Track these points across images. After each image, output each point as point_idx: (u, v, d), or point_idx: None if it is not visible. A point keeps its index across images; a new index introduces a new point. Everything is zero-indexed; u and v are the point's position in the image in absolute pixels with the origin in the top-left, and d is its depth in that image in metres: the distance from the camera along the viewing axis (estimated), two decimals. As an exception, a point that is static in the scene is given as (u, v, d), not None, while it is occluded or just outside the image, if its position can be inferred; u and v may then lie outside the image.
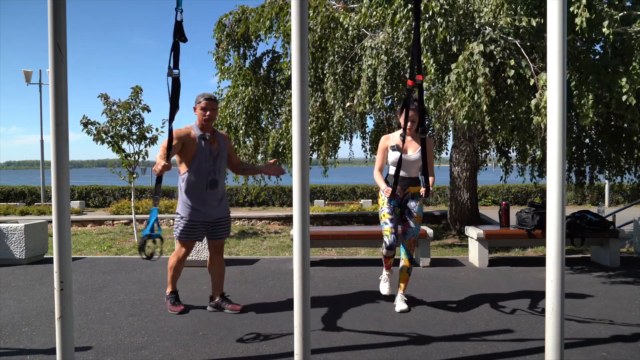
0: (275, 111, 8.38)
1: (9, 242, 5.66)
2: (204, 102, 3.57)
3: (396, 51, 5.95)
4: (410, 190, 3.76)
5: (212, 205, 3.60)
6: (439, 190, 16.98)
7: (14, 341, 3.14)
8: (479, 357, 2.85)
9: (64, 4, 1.99)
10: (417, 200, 3.74)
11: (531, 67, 4.69)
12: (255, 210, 14.86)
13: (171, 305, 3.74)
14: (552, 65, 1.84)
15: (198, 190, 3.54)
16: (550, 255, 1.85)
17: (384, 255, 3.74)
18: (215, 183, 3.58)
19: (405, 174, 3.72)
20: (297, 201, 1.91)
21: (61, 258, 2.03)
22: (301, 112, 1.89)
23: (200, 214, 3.56)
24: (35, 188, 17.82)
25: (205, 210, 3.57)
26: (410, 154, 3.71)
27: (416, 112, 3.59)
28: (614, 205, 15.42)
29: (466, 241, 7.58)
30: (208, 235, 3.70)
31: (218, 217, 3.65)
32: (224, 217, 3.71)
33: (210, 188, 3.56)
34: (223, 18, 8.25)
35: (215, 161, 3.59)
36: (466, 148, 8.46)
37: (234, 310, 3.73)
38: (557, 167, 1.83)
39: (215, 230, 3.67)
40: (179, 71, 2.64)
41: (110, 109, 7.84)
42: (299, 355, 1.91)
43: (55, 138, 2.01)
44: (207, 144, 3.56)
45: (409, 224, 3.72)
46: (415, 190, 3.76)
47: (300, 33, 1.87)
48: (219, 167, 3.63)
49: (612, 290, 4.36)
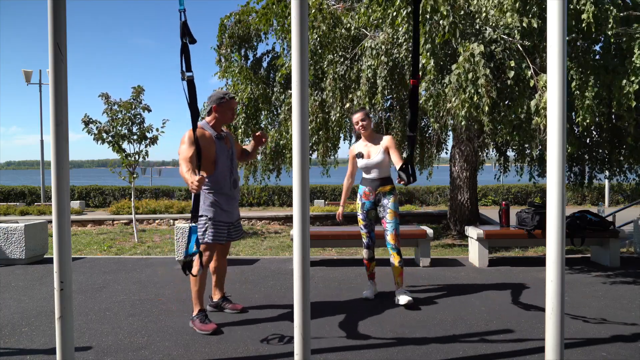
0: (275, 111, 8.39)
1: (9, 242, 5.66)
2: (232, 102, 3.47)
3: (396, 52, 5.95)
4: (381, 190, 4.01)
5: (234, 206, 3.54)
6: (439, 190, 16.97)
7: (14, 341, 3.14)
8: (479, 357, 2.85)
9: (64, 4, 1.99)
10: (389, 197, 3.99)
11: (531, 68, 4.68)
12: (255, 210, 14.86)
13: (200, 324, 3.29)
14: (552, 65, 1.84)
15: (225, 191, 3.42)
16: (550, 255, 1.85)
17: (364, 258, 4.16)
18: (237, 182, 3.54)
19: (375, 176, 4.02)
20: (297, 201, 1.91)
21: (61, 258, 2.03)
22: (301, 112, 1.89)
23: (226, 214, 3.45)
24: (35, 188, 17.82)
25: (230, 211, 3.48)
26: (372, 157, 4.00)
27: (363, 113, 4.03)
28: (614, 205, 15.42)
29: (466, 241, 7.58)
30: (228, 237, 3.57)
31: (237, 217, 3.60)
32: (240, 218, 3.68)
33: (233, 187, 3.49)
34: (224, 20, 8.26)
35: (232, 160, 3.52)
36: (466, 148, 8.45)
37: (235, 309, 3.71)
38: (557, 167, 1.83)
39: (233, 230, 3.58)
40: (192, 73, 2.54)
41: (111, 108, 7.84)
42: (299, 355, 1.91)
43: (55, 138, 2.01)
44: (224, 143, 3.47)
45: (386, 220, 3.97)
46: (386, 190, 4.01)
47: (300, 33, 1.87)
48: (236, 166, 3.58)
49: (612, 290, 4.35)
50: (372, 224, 4.08)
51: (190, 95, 2.60)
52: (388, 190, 4.00)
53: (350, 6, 7.10)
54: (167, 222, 10.77)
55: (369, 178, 4.04)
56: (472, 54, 4.55)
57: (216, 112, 3.43)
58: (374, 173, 4.00)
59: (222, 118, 3.45)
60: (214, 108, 3.42)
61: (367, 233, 4.08)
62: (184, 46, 2.51)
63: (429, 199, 16.98)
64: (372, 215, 4.06)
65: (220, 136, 3.44)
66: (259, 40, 8.35)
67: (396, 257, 3.93)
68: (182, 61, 2.55)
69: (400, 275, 3.96)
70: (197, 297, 3.37)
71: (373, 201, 4.03)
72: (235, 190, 3.53)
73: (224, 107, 3.43)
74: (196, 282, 3.35)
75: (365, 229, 4.08)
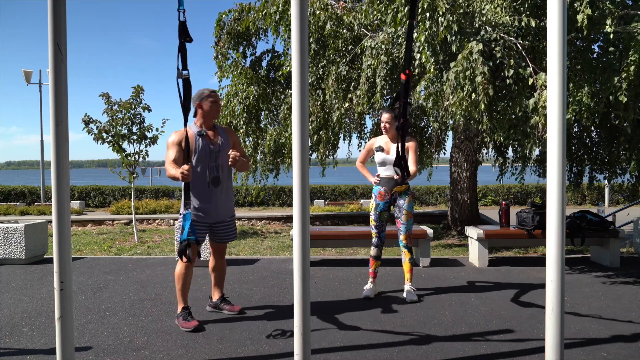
0: (275, 111, 8.38)
1: (9, 242, 5.66)
2: (214, 94, 3.46)
3: (396, 51, 5.94)
4: (397, 190, 4.07)
5: (216, 205, 3.43)
6: (439, 190, 16.97)
7: (14, 341, 3.14)
8: (479, 357, 2.85)
9: (64, 4, 1.99)
10: (404, 198, 4.05)
11: (530, 67, 4.68)
12: (255, 210, 14.85)
13: (183, 322, 3.35)
14: (552, 65, 1.84)
15: (200, 190, 3.37)
16: (550, 255, 1.85)
17: (371, 256, 4.20)
18: (218, 180, 3.41)
19: (391, 174, 4.07)
20: (297, 201, 1.91)
21: (61, 258, 2.03)
22: (301, 112, 1.89)
23: (203, 213, 3.39)
24: (35, 188, 17.81)
25: (208, 211, 3.40)
26: (391, 154, 4.06)
27: (390, 115, 4.05)
28: (614, 205, 15.41)
29: (466, 241, 7.58)
30: (211, 237, 3.57)
31: (222, 218, 3.50)
32: (229, 219, 3.55)
33: (213, 186, 3.40)
34: (223, 16, 8.24)
35: (217, 158, 3.41)
36: (466, 148, 8.45)
37: (233, 311, 3.70)
38: (557, 167, 1.83)
39: (219, 232, 3.53)
40: (188, 72, 2.60)
41: (111, 108, 7.84)
42: (299, 355, 1.91)
43: (55, 138, 2.00)
44: (206, 141, 3.40)
45: (400, 221, 4.06)
46: (401, 190, 4.06)
47: (300, 33, 1.87)
48: (222, 164, 3.44)
49: (612, 290, 4.35)
50: (383, 225, 4.16)
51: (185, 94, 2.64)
52: (404, 190, 4.06)
53: (352, 6, 7.09)
54: (167, 222, 10.77)
55: (385, 177, 4.11)
56: (471, 52, 4.55)
57: (200, 109, 3.45)
58: (390, 171, 4.07)
59: (207, 113, 3.45)
60: (197, 105, 3.45)
61: (377, 233, 4.15)
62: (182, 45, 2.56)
63: (429, 199, 16.99)
64: (384, 216, 4.14)
65: (201, 133, 3.40)
66: (257, 38, 8.34)
67: (407, 254, 4.11)
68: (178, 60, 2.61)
69: (410, 272, 4.14)
70: (180, 295, 3.43)
71: (387, 202, 4.10)
72: (217, 189, 3.41)
73: (206, 102, 3.44)
74: (179, 280, 3.40)
75: (376, 229, 4.15)
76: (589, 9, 4.20)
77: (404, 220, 4.04)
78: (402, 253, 4.13)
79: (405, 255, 4.11)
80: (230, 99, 8.08)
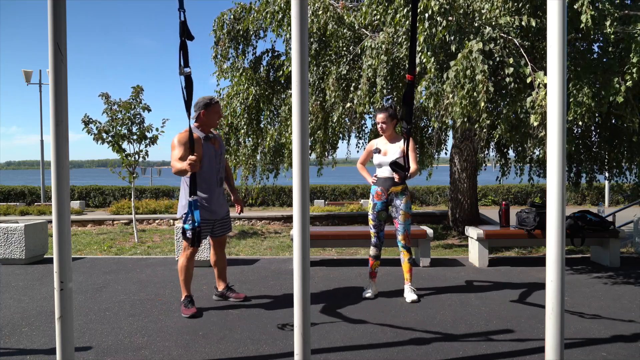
0: (275, 111, 8.38)
1: (9, 242, 5.66)
2: (217, 105, 3.73)
3: (396, 51, 5.94)
4: (393, 190, 4.08)
5: (219, 203, 3.78)
6: (439, 190, 16.97)
7: (14, 341, 3.14)
8: (479, 357, 2.85)
9: (64, 4, 1.99)
10: (401, 198, 4.06)
11: (529, 66, 4.68)
12: (255, 210, 14.85)
13: (184, 308, 3.68)
14: (552, 65, 1.84)
15: (209, 189, 3.69)
16: (550, 255, 1.85)
17: (370, 255, 4.21)
18: (222, 181, 3.82)
19: (388, 175, 4.07)
20: (297, 201, 1.91)
21: (61, 258, 2.03)
22: (301, 112, 1.89)
23: (209, 212, 3.70)
24: (35, 188, 17.80)
25: (214, 209, 3.73)
26: (389, 155, 4.04)
27: (385, 115, 4.05)
28: (614, 205, 15.41)
29: (466, 241, 7.58)
30: (212, 233, 3.85)
31: (223, 214, 3.85)
32: (227, 214, 3.92)
33: (218, 186, 3.76)
34: (223, 15, 8.23)
35: (219, 160, 3.78)
36: (466, 148, 8.45)
37: (238, 298, 3.99)
38: (557, 167, 1.83)
39: (220, 227, 3.87)
40: (190, 69, 2.70)
41: (110, 108, 7.84)
42: (299, 355, 1.91)
43: (55, 138, 2.00)
44: (211, 144, 3.71)
45: (398, 222, 4.07)
46: (398, 190, 4.07)
47: (300, 33, 1.87)
48: (222, 166, 3.84)
49: (612, 290, 4.36)
50: (381, 225, 4.17)
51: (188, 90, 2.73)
52: (400, 190, 4.07)
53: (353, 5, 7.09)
54: (167, 222, 10.76)
55: (382, 177, 4.13)
56: (471, 50, 4.56)
57: (204, 117, 3.69)
58: (387, 172, 4.08)
59: (209, 121, 3.72)
60: (202, 113, 3.68)
61: (376, 233, 4.17)
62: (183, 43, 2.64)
63: (429, 199, 16.99)
64: (382, 216, 4.15)
65: (207, 137, 3.70)
66: (258, 38, 8.33)
67: (406, 254, 4.11)
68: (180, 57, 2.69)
69: (409, 272, 4.13)
70: (183, 285, 3.73)
71: (384, 202, 4.11)
72: (219, 189, 3.79)
73: (210, 111, 3.69)
74: (182, 271, 3.69)
75: (375, 229, 4.17)
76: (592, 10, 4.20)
77: (402, 221, 4.05)
78: (400, 253, 4.14)
79: (404, 255, 4.11)
80: (231, 100, 8.09)
